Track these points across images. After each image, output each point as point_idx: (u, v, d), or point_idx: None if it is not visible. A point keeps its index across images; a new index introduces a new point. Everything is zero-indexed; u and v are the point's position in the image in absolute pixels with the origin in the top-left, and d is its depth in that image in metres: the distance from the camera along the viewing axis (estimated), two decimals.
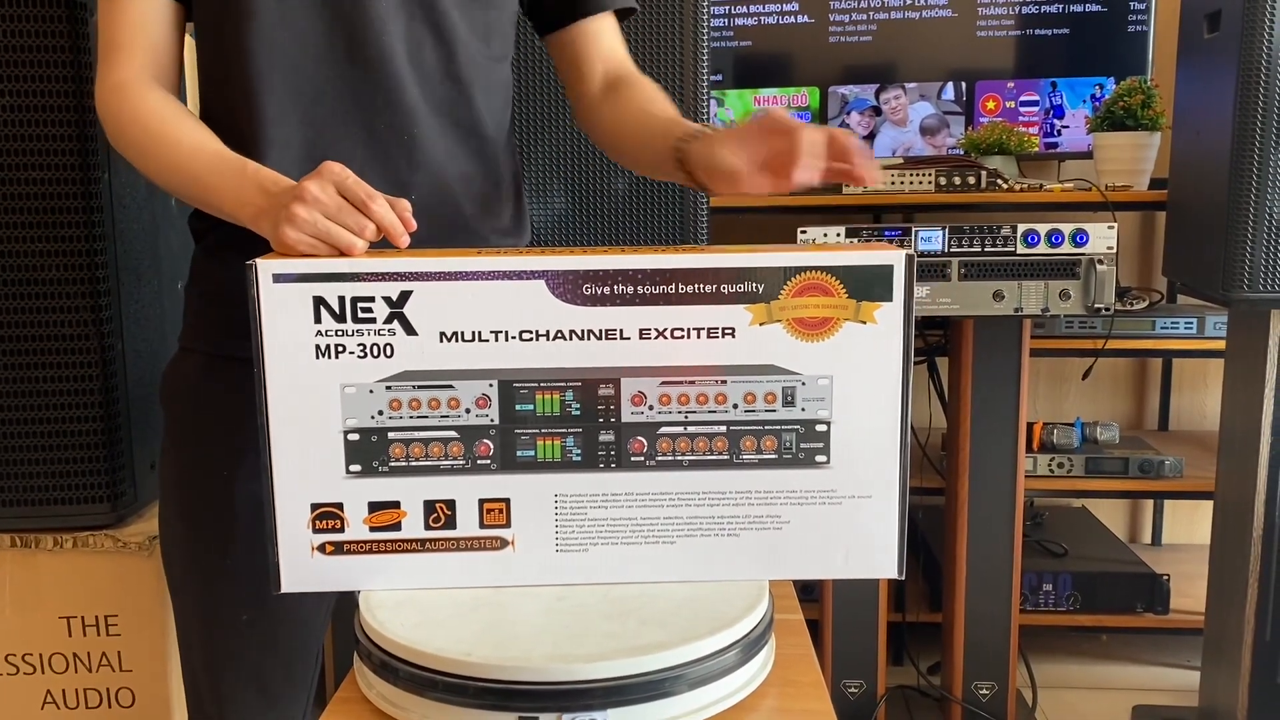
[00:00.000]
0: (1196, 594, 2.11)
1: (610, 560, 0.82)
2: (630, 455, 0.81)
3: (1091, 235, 1.65)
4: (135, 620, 1.38)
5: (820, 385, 0.80)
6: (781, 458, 0.81)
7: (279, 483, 0.79)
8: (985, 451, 1.85)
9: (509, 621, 0.77)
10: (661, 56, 1.46)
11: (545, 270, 0.77)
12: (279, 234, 0.77)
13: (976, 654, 1.91)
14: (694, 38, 1.46)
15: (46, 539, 1.36)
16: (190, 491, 0.99)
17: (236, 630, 0.98)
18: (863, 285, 0.79)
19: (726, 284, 0.78)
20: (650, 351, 0.79)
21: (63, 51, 1.26)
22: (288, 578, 0.81)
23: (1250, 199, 1.52)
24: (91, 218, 1.29)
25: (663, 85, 1.01)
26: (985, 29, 2.29)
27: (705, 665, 0.73)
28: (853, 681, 1.93)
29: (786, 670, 0.80)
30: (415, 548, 0.81)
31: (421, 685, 0.72)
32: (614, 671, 0.70)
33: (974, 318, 1.77)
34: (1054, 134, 2.31)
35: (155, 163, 0.90)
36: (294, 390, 0.78)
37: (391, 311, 0.77)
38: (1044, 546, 2.27)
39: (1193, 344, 2.14)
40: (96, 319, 1.31)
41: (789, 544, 0.82)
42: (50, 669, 1.39)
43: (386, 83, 0.92)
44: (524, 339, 0.78)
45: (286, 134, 0.91)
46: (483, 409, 0.79)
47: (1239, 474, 1.71)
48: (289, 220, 0.77)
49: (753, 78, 2.37)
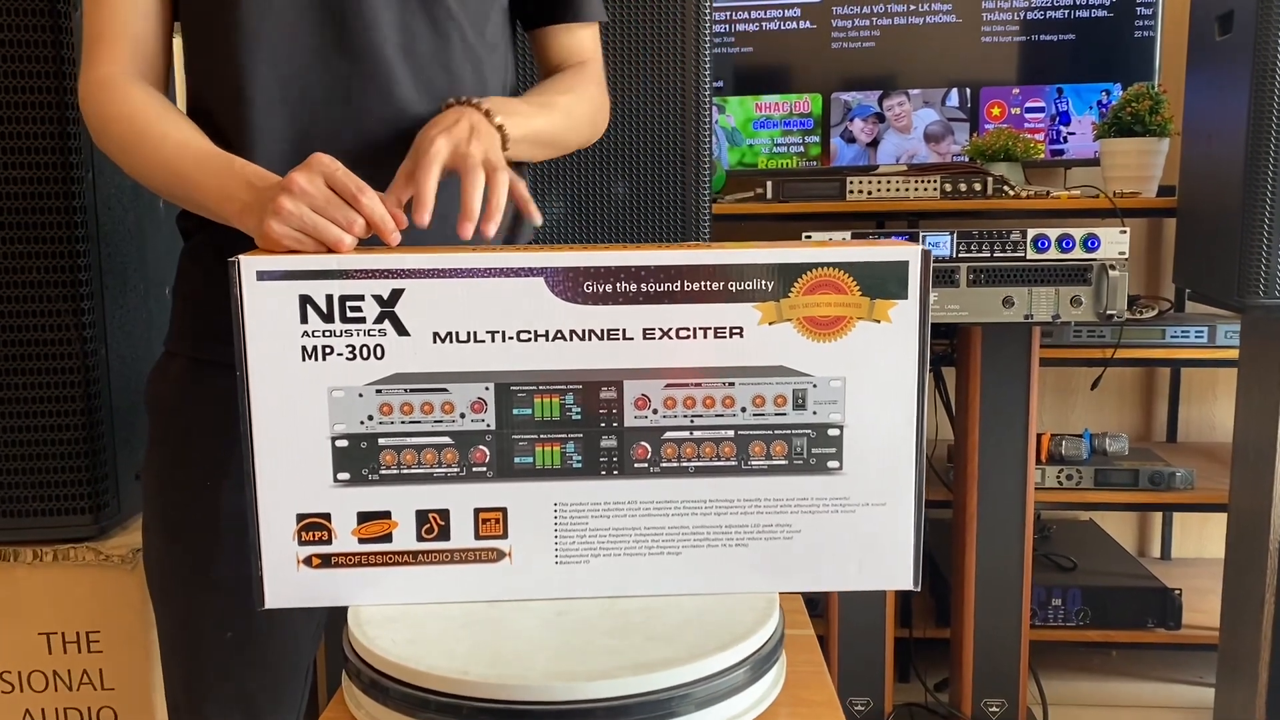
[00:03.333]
0: (1208, 609, 2.08)
1: (613, 572, 0.79)
2: (633, 461, 0.77)
3: (1103, 240, 1.62)
4: (118, 637, 1.34)
5: (832, 387, 0.77)
6: (792, 463, 0.78)
7: (263, 492, 0.76)
8: (994, 463, 1.82)
9: (506, 637, 0.73)
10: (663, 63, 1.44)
11: (544, 267, 0.74)
12: (263, 228, 0.74)
13: (986, 670, 1.87)
14: (695, 44, 1.44)
15: (25, 552, 1.33)
16: (171, 501, 0.96)
17: (220, 647, 0.95)
18: (877, 282, 0.75)
19: (734, 281, 0.75)
20: (654, 352, 0.75)
21: (44, 46, 1.24)
22: (272, 592, 0.77)
23: (1266, 203, 1.49)
24: (73, 218, 1.26)
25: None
26: (990, 34, 2.27)
27: (713, 683, 0.70)
28: (859, 699, 1.90)
29: (798, 688, 0.77)
30: (407, 560, 0.78)
31: (413, 705, 0.69)
32: (617, 690, 0.67)
33: (982, 325, 1.75)
34: (1060, 141, 2.29)
35: (139, 159, 0.88)
36: (279, 394, 0.75)
37: (382, 311, 0.74)
38: (1052, 560, 2.23)
39: (1204, 353, 2.11)
40: (78, 323, 1.28)
41: (800, 554, 0.79)
42: (29, 687, 1.35)
43: (378, 74, 0.90)
44: (522, 339, 0.75)
45: (274, 127, 0.88)
46: (478, 413, 0.76)
47: (1253, 485, 1.68)
48: (274, 213, 0.74)
49: (754, 84, 2.35)
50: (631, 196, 1.47)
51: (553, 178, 1.47)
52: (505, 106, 0.89)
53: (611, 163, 1.46)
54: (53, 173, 1.26)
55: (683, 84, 1.45)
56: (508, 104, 0.90)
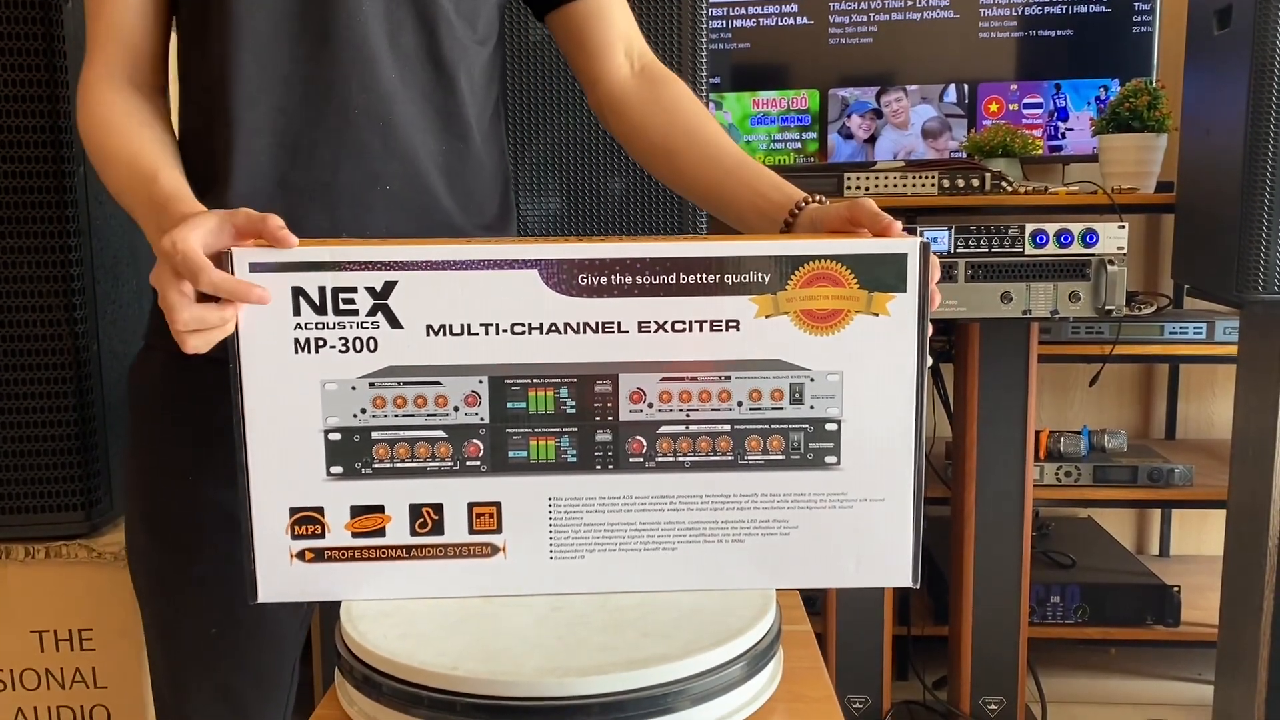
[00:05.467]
0: (1207, 606, 2.07)
1: (608, 568, 0.78)
2: (629, 456, 0.76)
3: (1101, 235, 1.62)
4: (110, 634, 1.34)
5: (830, 381, 0.76)
6: (789, 458, 0.77)
7: (255, 486, 0.75)
8: (992, 460, 1.81)
9: (499, 633, 0.73)
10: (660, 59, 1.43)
11: (539, 259, 0.73)
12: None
13: (984, 668, 1.87)
14: (692, 40, 1.44)
15: (17, 549, 1.32)
16: (153, 497, 0.95)
17: (205, 644, 0.94)
18: (875, 275, 0.75)
19: (730, 274, 0.74)
20: (650, 345, 0.75)
21: (36, 39, 1.23)
22: (265, 587, 0.77)
23: (1265, 198, 1.48)
24: (65, 213, 1.26)
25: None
26: (988, 30, 2.26)
27: (709, 680, 0.69)
28: (857, 697, 1.89)
29: (795, 684, 0.77)
30: (400, 555, 0.77)
31: (406, 701, 0.68)
32: (612, 686, 0.66)
33: (981, 321, 1.74)
34: (1058, 137, 2.28)
35: (97, 166, 0.87)
36: (271, 387, 0.74)
37: (375, 303, 0.73)
38: (1051, 558, 2.23)
39: (1203, 349, 2.10)
40: (70, 318, 1.27)
41: (797, 550, 0.78)
42: (21, 685, 1.34)
43: (362, 65, 0.88)
44: (516, 332, 0.74)
45: (258, 119, 0.87)
46: (472, 407, 0.75)
47: (1253, 481, 1.67)
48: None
49: (751, 81, 2.34)
50: (628, 191, 1.46)
51: (549, 172, 1.46)
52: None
53: (608, 158, 1.46)
54: (44, 166, 1.25)
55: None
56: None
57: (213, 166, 0.87)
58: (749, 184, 0.91)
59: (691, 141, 0.94)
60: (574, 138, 1.45)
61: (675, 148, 0.95)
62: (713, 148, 0.94)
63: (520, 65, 1.43)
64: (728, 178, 0.92)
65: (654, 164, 0.98)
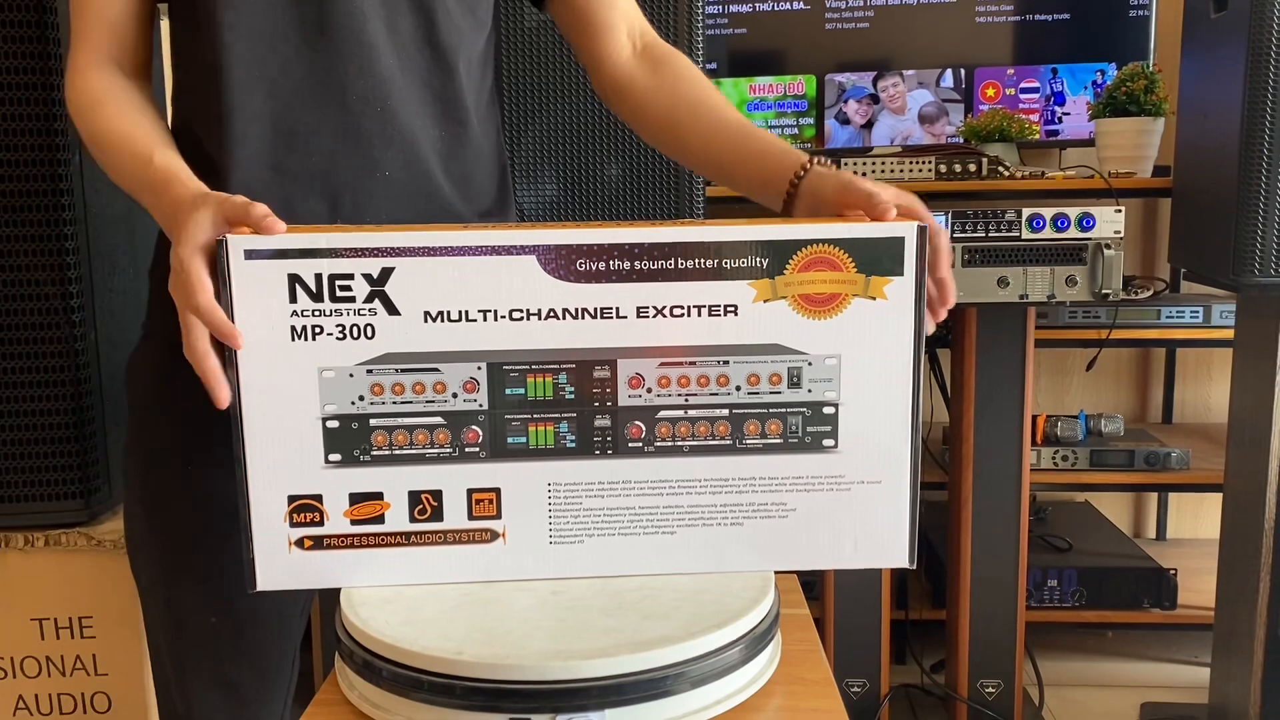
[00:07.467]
0: (1203, 589, 2.08)
1: (607, 552, 0.78)
2: (628, 441, 0.76)
3: (1098, 219, 1.62)
4: (111, 622, 1.34)
5: (828, 365, 0.76)
6: (787, 442, 0.77)
7: (253, 474, 0.75)
8: (989, 444, 1.81)
9: (499, 618, 0.73)
10: None
11: (537, 245, 0.73)
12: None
13: (982, 651, 1.87)
14: (688, 26, 1.43)
15: (17, 537, 1.32)
16: (151, 486, 0.95)
17: (205, 631, 0.94)
18: (872, 259, 0.75)
19: (728, 258, 0.74)
20: (648, 331, 0.75)
21: (28, 26, 1.22)
22: (264, 575, 0.77)
23: (1261, 181, 1.48)
24: (59, 200, 1.25)
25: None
26: (984, 15, 2.25)
27: (708, 662, 0.69)
28: (855, 681, 1.90)
29: (793, 667, 0.77)
30: (400, 541, 0.77)
31: (406, 686, 0.68)
32: (612, 669, 0.66)
33: (978, 306, 1.74)
34: (1055, 121, 2.28)
35: (92, 149, 0.87)
36: (268, 375, 0.74)
37: (372, 290, 0.73)
38: (1048, 542, 2.24)
39: (1199, 333, 2.11)
40: (66, 307, 1.27)
41: (795, 533, 0.79)
42: (22, 673, 1.34)
43: (359, 50, 0.87)
44: (514, 318, 0.74)
45: (253, 106, 0.86)
46: (470, 393, 0.75)
47: (1249, 464, 1.68)
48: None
49: (748, 66, 2.33)
50: (625, 178, 1.46)
51: (546, 159, 1.45)
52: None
53: (605, 144, 1.45)
54: (38, 154, 1.24)
55: None
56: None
57: (210, 154, 0.87)
58: (754, 153, 0.90)
59: (695, 115, 0.94)
60: (570, 124, 1.44)
61: (679, 122, 0.95)
62: (716, 120, 0.93)
63: (516, 51, 1.43)
64: (730, 148, 0.92)
65: (660, 140, 0.98)
